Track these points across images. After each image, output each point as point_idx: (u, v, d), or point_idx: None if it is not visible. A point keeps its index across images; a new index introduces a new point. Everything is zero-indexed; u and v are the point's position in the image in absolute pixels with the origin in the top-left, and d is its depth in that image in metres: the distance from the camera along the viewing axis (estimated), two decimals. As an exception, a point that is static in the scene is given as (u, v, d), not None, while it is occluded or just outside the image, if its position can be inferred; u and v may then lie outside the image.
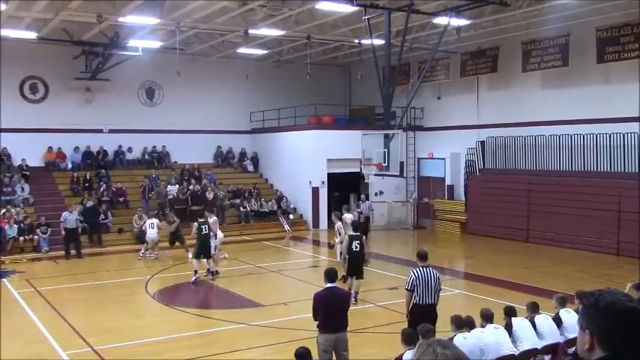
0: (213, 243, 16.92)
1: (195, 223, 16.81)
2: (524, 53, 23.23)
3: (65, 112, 26.24)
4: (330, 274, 8.79)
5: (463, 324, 8.26)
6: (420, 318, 8.89)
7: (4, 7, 18.21)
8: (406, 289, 9.63)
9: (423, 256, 9.80)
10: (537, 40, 22.76)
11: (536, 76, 23.47)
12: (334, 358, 8.46)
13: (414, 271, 9.56)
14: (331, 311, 8.43)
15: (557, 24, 21.19)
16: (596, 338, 2.41)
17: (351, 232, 14.26)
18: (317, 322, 8.49)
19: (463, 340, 7.76)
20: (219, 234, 17.43)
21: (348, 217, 17.91)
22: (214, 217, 17.94)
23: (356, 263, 13.89)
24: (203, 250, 16.41)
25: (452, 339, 7.58)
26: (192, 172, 27.69)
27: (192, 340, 11.44)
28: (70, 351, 10.63)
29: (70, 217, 20.42)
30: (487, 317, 8.53)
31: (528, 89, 23.90)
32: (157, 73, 27.97)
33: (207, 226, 16.58)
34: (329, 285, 8.68)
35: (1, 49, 22.56)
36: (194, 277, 16.21)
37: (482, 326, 8.39)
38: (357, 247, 13.75)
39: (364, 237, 14.93)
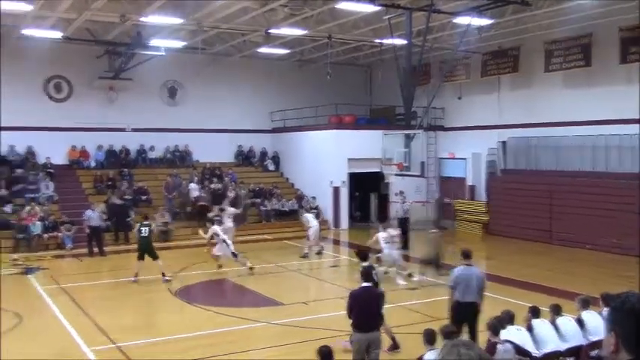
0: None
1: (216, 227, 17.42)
2: (547, 53, 23.06)
3: (89, 111, 26.55)
4: (367, 274, 8.86)
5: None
6: (460, 315, 9.12)
7: (29, 7, 18.49)
8: (448, 286, 9.81)
9: (466, 255, 10.04)
10: (559, 40, 22.59)
11: (558, 76, 23.29)
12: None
13: (457, 269, 9.80)
14: (366, 310, 8.49)
15: (579, 23, 21.01)
16: (621, 340, 2.42)
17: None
18: (351, 321, 8.55)
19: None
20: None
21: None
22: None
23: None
24: (141, 251, 16.41)
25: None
26: (213, 171, 27.88)
27: (213, 338, 11.52)
28: (95, 347, 10.77)
29: (94, 215, 20.70)
30: (508, 319, 8.50)
31: (550, 89, 23.72)
32: (179, 72, 28.25)
33: (148, 228, 16.60)
34: (365, 284, 8.73)
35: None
36: (133, 278, 16.16)
37: (503, 328, 8.36)
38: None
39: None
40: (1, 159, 24.76)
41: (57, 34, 22.29)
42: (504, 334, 8.12)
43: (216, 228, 17.44)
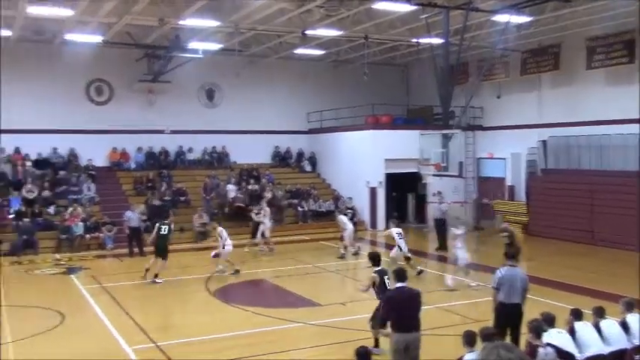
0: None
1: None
2: (588, 50, 22.61)
3: (129, 114, 27.00)
4: (400, 274, 8.79)
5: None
6: (504, 317, 9.15)
7: (70, 12, 18.86)
8: (492, 288, 9.71)
9: (510, 256, 10.00)
10: (601, 36, 22.13)
11: (601, 73, 22.81)
12: None
13: (501, 270, 9.71)
14: (404, 311, 8.42)
15: (621, 19, 20.56)
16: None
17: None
18: (390, 322, 8.49)
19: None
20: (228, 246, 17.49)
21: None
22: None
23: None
24: (157, 250, 16.76)
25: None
26: (250, 172, 28.06)
27: (251, 338, 11.58)
28: (135, 347, 10.92)
29: (133, 216, 21.06)
30: (549, 321, 8.34)
31: (592, 87, 23.25)
32: (216, 74, 28.58)
33: (167, 227, 16.91)
34: (399, 285, 8.67)
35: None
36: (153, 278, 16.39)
37: (544, 330, 8.21)
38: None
39: None
40: (45, 161, 25.37)
41: (98, 38, 22.72)
42: (545, 336, 7.97)
43: (221, 230, 17.50)
